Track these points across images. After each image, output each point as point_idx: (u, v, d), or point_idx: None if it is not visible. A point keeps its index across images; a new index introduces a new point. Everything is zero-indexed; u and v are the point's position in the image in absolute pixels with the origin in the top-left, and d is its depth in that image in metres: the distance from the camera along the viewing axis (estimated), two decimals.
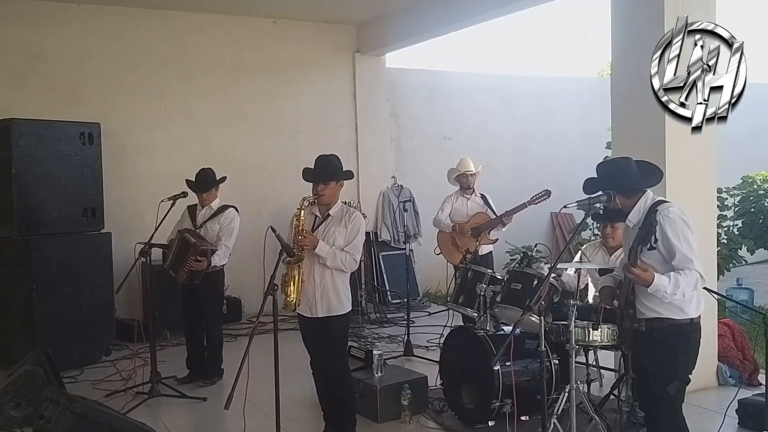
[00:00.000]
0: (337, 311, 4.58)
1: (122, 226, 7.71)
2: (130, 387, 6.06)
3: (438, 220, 7.27)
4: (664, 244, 3.66)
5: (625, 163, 3.92)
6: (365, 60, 9.98)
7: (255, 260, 4.34)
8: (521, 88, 11.34)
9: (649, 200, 3.80)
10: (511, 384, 4.70)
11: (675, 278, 3.57)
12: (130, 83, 8.59)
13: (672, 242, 3.62)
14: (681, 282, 3.57)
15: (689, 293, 3.64)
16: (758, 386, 5.31)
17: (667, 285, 3.56)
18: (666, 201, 3.80)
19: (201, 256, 5.93)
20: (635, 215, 3.80)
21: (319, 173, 4.59)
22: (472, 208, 7.21)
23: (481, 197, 7.29)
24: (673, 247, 3.62)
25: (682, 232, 3.64)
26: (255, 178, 9.16)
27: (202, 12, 8.89)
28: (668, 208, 3.70)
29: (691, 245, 3.64)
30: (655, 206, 3.74)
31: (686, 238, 3.63)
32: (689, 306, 3.71)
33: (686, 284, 3.58)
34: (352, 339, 7.36)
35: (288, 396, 4.98)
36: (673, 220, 3.64)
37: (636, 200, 3.80)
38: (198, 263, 5.93)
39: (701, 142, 5.75)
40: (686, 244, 3.62)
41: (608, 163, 3.98)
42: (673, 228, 3.63)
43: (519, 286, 4.99)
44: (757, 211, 8.73)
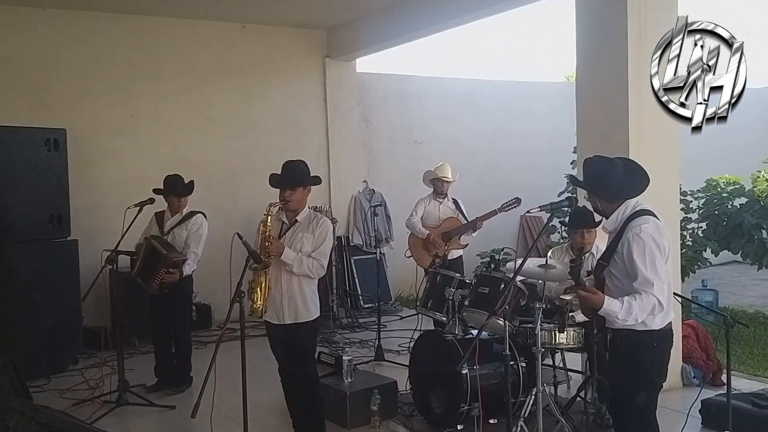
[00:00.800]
0: (305, 318, 4.58)
1: (89, 232, 7.62)
2: (98, 396, 6.01)
3: (411, 223, 7.30)
4: (629, 263, 3.53)
5: (612, 167, 3.72)
6: (336, 65, 9.99)
7: (225, 266, 4.31)
8: (491, 92, 11.43)
9: (628, 209, 3.66)
10: (480, 388, 4.74)
11: (628, 304, 3.45)
12: (98, 88, 8.50)
13: (636, 263, 3.49)
14: (634, 308, 3.44)
15: (643, 318, 3.51)
16: (722, 386, 5.40)
17: (618, 311, 3.44)
18: (645, 214, 3.62)
19: (173, 267, 5.89)
20: (612, 223, 3.69)
21: (286, 179, 4.59)
22: (444, 213, 7.27)
23: (453, 202, 7.37)
24: (636, 268, 3.49)
25: (649, 253, 3.49)
26: (225, 182, 9.12)
27: (171, 16, 8.84)
28: (641, 225, 3.54)
29: (656, 268, 3.50)
30: (631, 218, 3.61)
31: (652, 261, 3.49)
32: (652, 321, 3.56)
33: (640, 309, 3.45)
34: (323, 345, 7.37)
35: (256, 403, 4.96)
36: (643, 240, 3.50)
37: (617, 206, 3.68)
38: (170, 275, 5.89)
39: (665, 144, 5.88)
40: (650, 266, 3.48)
41: (597, 162, 3.79)
42: (639, 248, 3.49)
43: (486, 289, 5.03)
44: (721, 213, 8.85)
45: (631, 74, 5.67)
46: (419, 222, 7.26)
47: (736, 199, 8.98)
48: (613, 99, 5.82)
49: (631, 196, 3.70)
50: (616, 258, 3.61)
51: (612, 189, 3.68)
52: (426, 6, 8.21)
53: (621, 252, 3.58)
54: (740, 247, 8.66)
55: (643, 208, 3.67)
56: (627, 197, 3.69)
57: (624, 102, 5.70)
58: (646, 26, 5.72)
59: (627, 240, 3.55)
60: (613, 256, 3.63)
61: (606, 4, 5.88)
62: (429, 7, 8.18)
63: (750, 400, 4.94)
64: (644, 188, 3.74)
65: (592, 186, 3.77)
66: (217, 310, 8.60)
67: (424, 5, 8.23)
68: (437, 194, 7.32)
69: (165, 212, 6.34)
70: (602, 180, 3.70)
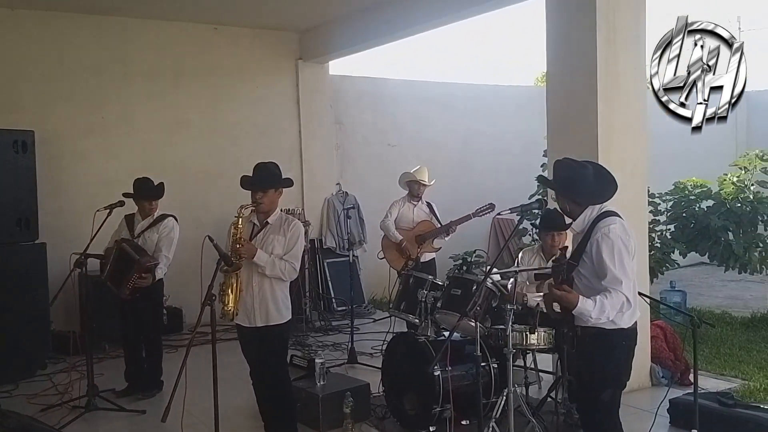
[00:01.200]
0: (276, 321, 4.57)
1: (58, 236, 7.51)
2: (67, 401, 5.92)
3: (386, 225, 7.30)
4: (597, 262, 3.61)
5: (584, 171, 3.78)
6: (308, 67, 9.97)
7: (196, 269, 4.28)
8: (463, 95, 11.50)
9: (595, 211, 3.73)
10: (452, 389, 4.76)
11: (600, 303, 3.53)
12: (67, 90, 8.39)
13: (605, 262, 3.56)
14: (606, 306, 3.52)
15: (614, 316, 3.59)
16: (689, 386, 5.48)
17: (592, 310, 3.52)
18: (611, 215, 3.71)
19: (146, 272, 5.85)
20: (580, 224, 3.76)
21: (257, 181, 4.58)
22: (418, 215, 7.30)
23: (427, 205, 7.39)
24: (604, 267, 3.57)
25: (617, 252, 3.57)
26: (196, 185, 9.05)
27: (142, 18, 8.75)
28: (609, 225, 3.62)
29: (624, 267, 3.58)
30: (598, 219, 3.69)
31: (620, 259, 3.57)
32: (621, 319, 3.66)
33: (611, 307, 3.54)
34: (296, 348, 7.34)
35: (228, 407, 4.93)
36: (611, 240, 3.58)
37: (584, 208, 3.75)
38: (143, 280, 5.85)
39: (633, 147, 5.97)
40: (619, 265, 3.56)
41: (567, 165, 3.84)
42: (608, 247, 3.57)
43: (459, 291, 5.04)
44: (689, 215, 8.99)
45: (600, 77, 5.75)
46: (393, 224, 7.27)
47: (703, 202, 9.13)
48: (582, 102, 5.90)
49: (598, 202, 3.77)
50: (585, 258, 3.69)
51: (581, 193, 3.75)
52: (398, 10, 8.23)
53: (590, 252, 3.65)
54: (707, 248, 8.81)
55: (609, 210, 3.76)
56: (594, 202, 3.75)
57: (593, 105, 5.77)
58: (615, 30, 5.81)
59: (596, 240, 3.63)
60: (582, 257, 3.71)
61: (575, 8, 5.96)
62: (401, 11, 8.21)
63: (716, 399, 5.04)
64: (612, 194, 3.83)
65: (562, 188, 3.83)
66: (188, 314, 8.52)
67: (396, 9, 8.26)
68: (412, 197, 7.33)
69: (135, 215, 6.28)
70: (572, 184, 3.77)
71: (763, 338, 7.64)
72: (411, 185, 7.33)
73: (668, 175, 9.64)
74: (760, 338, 7.65)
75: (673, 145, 11.74)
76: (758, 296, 9.56)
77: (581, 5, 5.86)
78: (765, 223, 8.80)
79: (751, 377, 6.31)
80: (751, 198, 8.84)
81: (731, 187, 9.01)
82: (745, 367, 6.64)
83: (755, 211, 8.72)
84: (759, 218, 8.75)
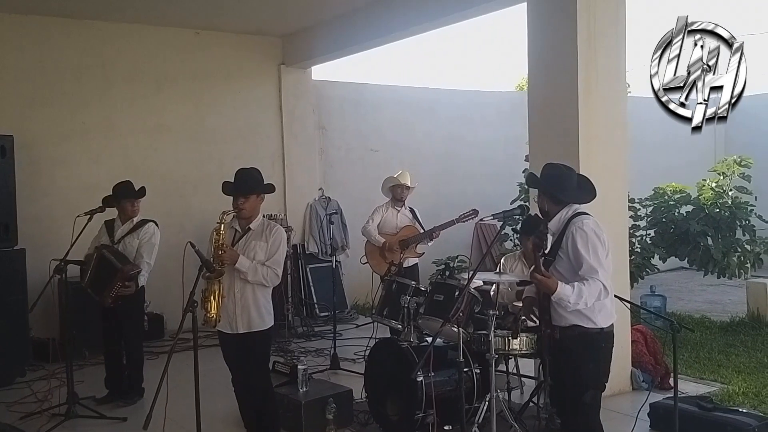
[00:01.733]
0: (258, 327, 4.55)
1: (37, 241, 7.44)
2: (46, 409, 5.86)
3: (368, 230, 7.31)
4: (573, 254, 3.79)
5: (569, 174, 4.03)
6: (291, 72, 9.96)
7: (178, 276, 4.26)
8: (445, 101, 11.53)
9: (570, 211, 3.93)
10: (435, 394, 4.77)
11: (578, 288, 3.69)
12: (47, 94, 8.31)
13: (580, 252, 3.75)
14: (584, 292, 3.69)
15: (592, 303, 3.75)
16: (669, 390, 5.54)
17: (570, 294, 3.68)
18: (585, 214, 3.92)
19: (129, 281, 5.80)
20: (555, 223, 3.94)
21: (239, 187, 4.57)
22: (402, 221, 7.31)
23: (410, 210, 7.41)
24: (580, 257, 3.76)
25: (591, 243, 3.76)
26: (178, 190, 9.01)
27: (123, 22, 8.69)
28: (583, 220, 3.84)
29: (599, 257, 3.77)
30: (572, 217, 3.88)
31: (595, 250, 3.76)
32: (597, 316, 3.82)
33: (589, 294, 3.70)
34: (278, 354, 7.32)
35: (210, 414, 4.90)
36: (585, 232, 3.78)
37: (561, 208, 3.94)
38: (126, 288, 5.81)
39: (613, 152, 6.03)
40: (594, 255, 3.75)
41: (555, 167, 4.08)
42: (583, 239, 3.77)
43: (441, 297, 5.05)
44: (668, 220, 9.09)
45: (581, 84, 5.81)
46: (375, 230, 7.29)
47: (683, 207, 9.24)
48: (563, 107, 5.95)
49: (576, 201, 3.97)
50: (561, 254, 3.85)
51: (563, 190, 3.94)
52: (380, 15, 8.26)
53: (565, 247, 3.82)
54: (687, 253, 8.92)
55: (582, 210, 3.96)
56: (573, 200, 3.95)
57: (574, 110, 5.83)
58: (595, 37, 5.87)
59: (570, 234, 3.81)
60: (558, 252, 3.86)
61: (556, 15, 6.01)
62: (383, 17, 8.23)
63: (696, 403, 5.09)
64: (589, 200, 4.04)
65: (546, 185, 4.00)
66: (169, 320, 8.47)
67: (378, 15, 8.28)
68: (396, 201, 7.35)
69: (115, 220, 6.23)
70: (558, 181, 3.96)
71: (741, 342, 7.73)
72: (394, 190, 7.35)
73: (648, 180, 9.74)
74: (739, 342, 7.73)
75: (653, 151, 11.91)
76: (737, 301, 9.65)
77: (562, 12, 5.92)
78: (743, 228, 8.92)
79: (729, 381, 6.38)
80: (729, 203, 8.96)
81: (710, 192, 9.12)
82: (724, 371, 6.71)
83: (733, 216, 8.84)
84: (737, 223, 8.86)
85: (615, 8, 6.05)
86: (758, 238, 8.96)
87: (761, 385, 6.23)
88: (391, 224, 7.30)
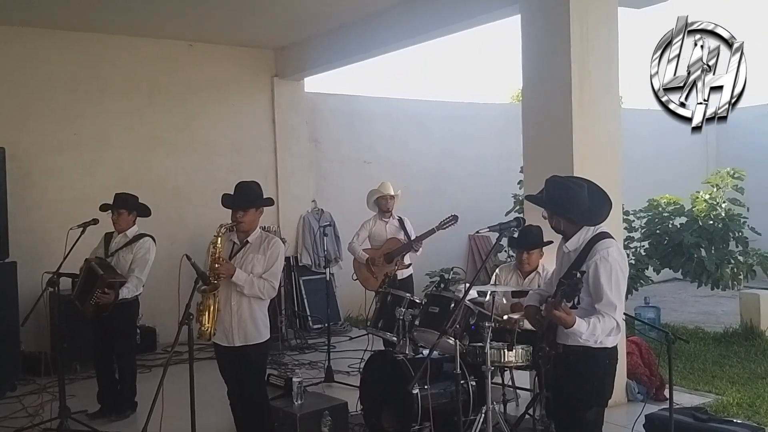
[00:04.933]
0: (255, 340, 4.53)
1: (29, 254, 7.40)
2: (37, 423, 5.79)
3: (352, 248, 7.33)
4: (594, 285, 3.61)
5: (580, 191, 3.77)
6: (284, 84, 9.97)
7: (170, 288, 4.25)
8: (438, 113, 11.56)
9: (591, 231, 3.74)
10: (431, 407, 4.75)
11: (593, 325, 3.56)
12: (39, 106, 8.28)
13: (602, 286, 3.59)
14: (598, 329, 3.56)
15: (602, 338, 3.62)
16: (664, 401, 5.53)
17: (584, 331, 3.54)
18: (607, 236, 3.72)
19: (108, 288, 5.72)
20: (574, 243, 3.75)
21: (239, 200, 4.56)
22: (391, 232, 7.28)
23: (398, 220, 7.37)
24: (601, 291, 3.59)
25: (615, 277, 3.60)
26: (171, 203, 8.95)
27: (116, 34, 8.68)
28: (608, 249, 3.64)
29: (621, 292, 3.62)
30: (595, 240, 3.69)
31: (617, 285, 3.60)
32: (607, 339, 3.67)
33: (602, 331, 3.57)
34: (272, 366, 7.27)
35: (205, 427, 4.84)
36: (610, 264, 3.59)
37: (579, 228, 3.75)
38: (105, 296, 5.71)
39: (608, 163, 6.04)
40: (616, 290, 3.60)
41: (562, 184, 3.83)
42: (606, 272, 3.59)
43: (437, 309, 5.06)
44: (662, 232, 9.12)
45: (574, 95, 5.83)
46: (359, 247, 7.31)
47: (677, 219, 9.27)
48: (557, 119, 5.97)
49: (594, 222, 3.77)
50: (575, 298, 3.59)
51: (576, 213, 3.73)
52: (373, 28, 8.28)
53: (586, 273, 3.61)
54: (680, 265, 8.94)
55: (604, 231, 3.77)
56: (590, 223, 3.76)
57: (568, 122, 5.84)
58: (588, 50, 5.90)
59: (594, 263, 3.62)
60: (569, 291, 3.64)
61: (550, 26, 6.05)
62: (376, 29, 8.25)
63: (691, 414, 5.08)
64: (607, 215, 3.83)
65: (556, 207, 3.79)
66: (162, 333, 8.41)
67: (371, 27, 8.30)
68: (383, 213, 7.34)
69: (114, 233, 6.18)
70: (567, 203, 3.74)
71: (735, 353, 7.74)
72: (379, 202, 7.34)
73: (642, 192, 9.78)
74: (733, 353, 7.75)
75: (647, 163, 11.96)
76: (730, 312, 9.68)
77: (555, 24, 5.95)
78: (736, 240, 8.95)
79: (724, 392, 6.38)
80: (722, 215, 8.99)
81: (703, 204, 9.15)
82: (719, 382, 6.71)
83: (726, 228, 8.88)
84: (730, 235, 8.90)
85: (607, 21, 6.09)
86: (751, 249, 9.00)
87: (755, 395, 6.24)
88: (381, 236, 7.28)
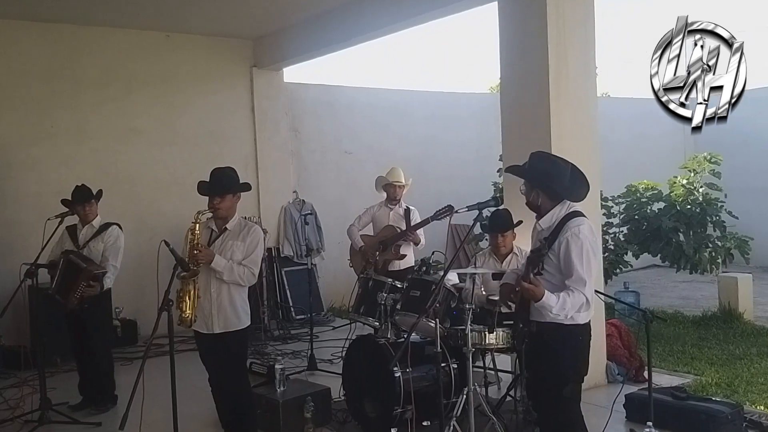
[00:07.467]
0: (235, 326, 4.52)
1: (5, 246, 7.34)
2: (18, 415, 5.74)
3: (350, 231, 7.17)
4: (565, 261, 3.66)
5: (564, 167, 3.83)
6: (263, 74, 9.92)
7: (151, 281, 4.21)
8: (419, 102, 11.57)
9: (564, 209, 3.77)
10: (413, 390, 4.77)
11: (563, 299, 3.59)
12: (14, 98, 8.17)
13: (573, 261, 3.63)
14: (567, 304, 3.59)
15: (572, 314, 3.66)
16: (644, 382, 5.59)
17: (554, 305, 3.57)
18: (580, 215, 3.76)
19: (93, 281, 5.70)
20: (547, 221, 3.79)
21: (215, 186, 4.53)
22: (394, 220, 7.09)
23: (405, 210, 7.14)
24: (571, 266, 3.63)
25: (585, 253, 3.64)
26: (150, 193, 8.91)
27: (92, 25, 8.59)
28: (579, 226, 3.67)
29: (591, 268, 3.65)
30: (567, 218, 3.73)
31: (588, 261, 3.64)
32: (578, 316, 3.73)
33: (571, 306, 3.61)
34: (255, 357, 7.26)
35: (187, 416, 4.83)
36: (581, 240, 3.63)
37: (555, 204, 3.78)
38: (90, 288, 5.70)
39: (585, 149, 6.08)
40: (586, 266, 3.63)
41: (547, 158, 3.86)
42: (577, 248, 3.63)
43: (418, 293, 5.06)
44: (641, 218, 9.22)
45: (552, 83, 5.87)
46: (357, 232, 7.14)
47: (655, 204, 9.36)
48: (535, 107, 6.01)
49: (571, 199, 3.81)
50: (551, 255, 3.71)
51: (557, 187, 3.77)
52: (352, 16, 8.25)
53: (557, 250, 3.68)
54: (659, 249, 9.04)
55: (577, 209, 3.81)
56: (568, 198, 3.80)
57: (546, 110, 5.88)
58: (564, 37, 5.94)
59: (565, 239, 3.67)
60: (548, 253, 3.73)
61: (527, 13, 6.07)
62: (355, 17, 8.23)
63: (671, 393, 5.17)
64: (584, 196, 3.90)
65: (538, 179, 3.81)
66: (143, 326, 8.35)
67: (349, 15, 8.28)
68: (390, 200, 7.15)
69: (77, 226, 6.10)
70: (550, 176, 3.77)
71: (714, 335, 7.85)
72: (387, 189, 7.17)
73: (621, 178, 9.86)
74: (711, 336, 7.85)
75: (625, 149, 12.06)
76: (709, 296, 9.80)
77: (532, 12, 5.98)
78: (714, 224, 9.07)
79: (702, 373, 6.48)
80: (700, 200, 9.10)
81: (681, 189, 9.26)
82: (698, 363, 6.82)
83: (704, 213, 8.99)
84: (708, 219, 9.01)
85: (584, 8, 6.12)
86: (729, 233, 9.12)
87: (733, 375, 6.35)
88: (383, 223, 7.11)
